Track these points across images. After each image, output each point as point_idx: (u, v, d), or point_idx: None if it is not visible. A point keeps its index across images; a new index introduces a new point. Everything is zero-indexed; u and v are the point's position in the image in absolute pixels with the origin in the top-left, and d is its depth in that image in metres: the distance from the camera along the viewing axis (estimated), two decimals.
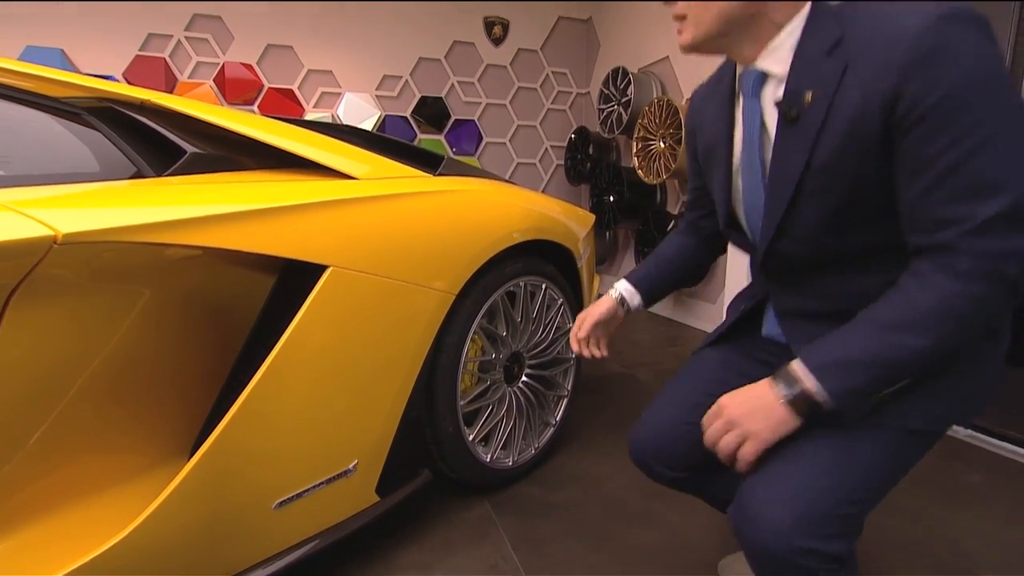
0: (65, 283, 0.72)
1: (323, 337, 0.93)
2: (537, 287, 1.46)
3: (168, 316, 0.87)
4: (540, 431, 1.56)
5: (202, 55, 3.60)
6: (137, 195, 0.81)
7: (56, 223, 0.67)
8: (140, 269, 0.80)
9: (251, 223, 0.84)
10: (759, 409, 0.62)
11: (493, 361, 1.36)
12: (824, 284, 0.70)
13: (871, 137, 0.57)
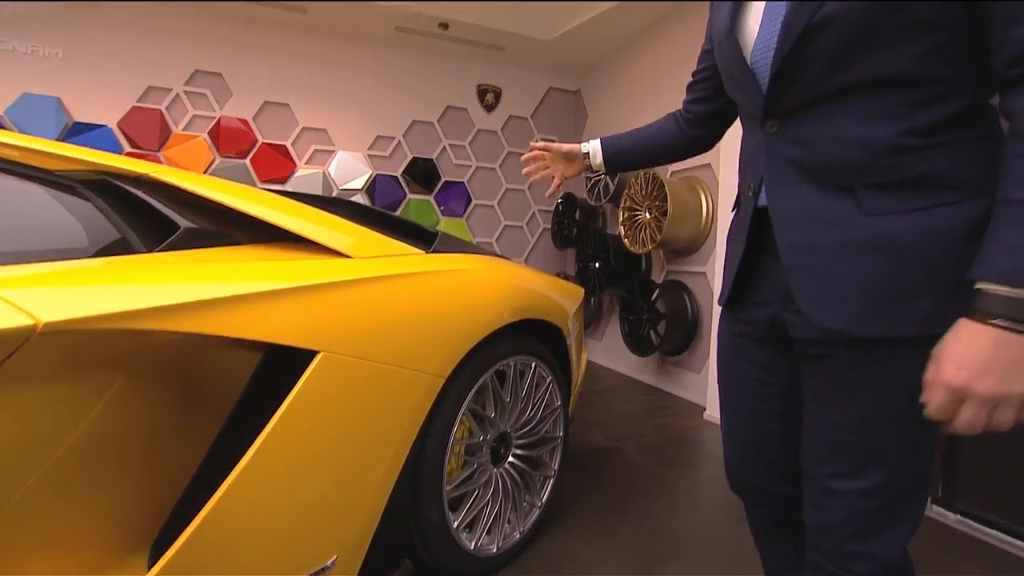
0: (39, 371, 0.68)
1: (308, 426, 0.89)
2: (527, 366, 1.44)
3: (140, 399, 0.82)
4: (525, 513, 1.49)
5: (199, 109, 3.66)
6: (125, 274, 0.78)
7: (37, 309, 0.64)
8: (118, 353, 0.76)
9: (242, 307, 0.81)
10: (1008, 362, 0.50)
11: (480, 443, 1.31)
12: (822, 130, 0.63)
13: None
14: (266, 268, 0.93)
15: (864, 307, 0.61)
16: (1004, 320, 0.50)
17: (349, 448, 0.96)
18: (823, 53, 0.60)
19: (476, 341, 1.20)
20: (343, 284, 0.96)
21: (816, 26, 0.59)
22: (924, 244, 0.59)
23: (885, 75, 0.58)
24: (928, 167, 0.59)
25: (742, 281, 0.77)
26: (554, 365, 1.55)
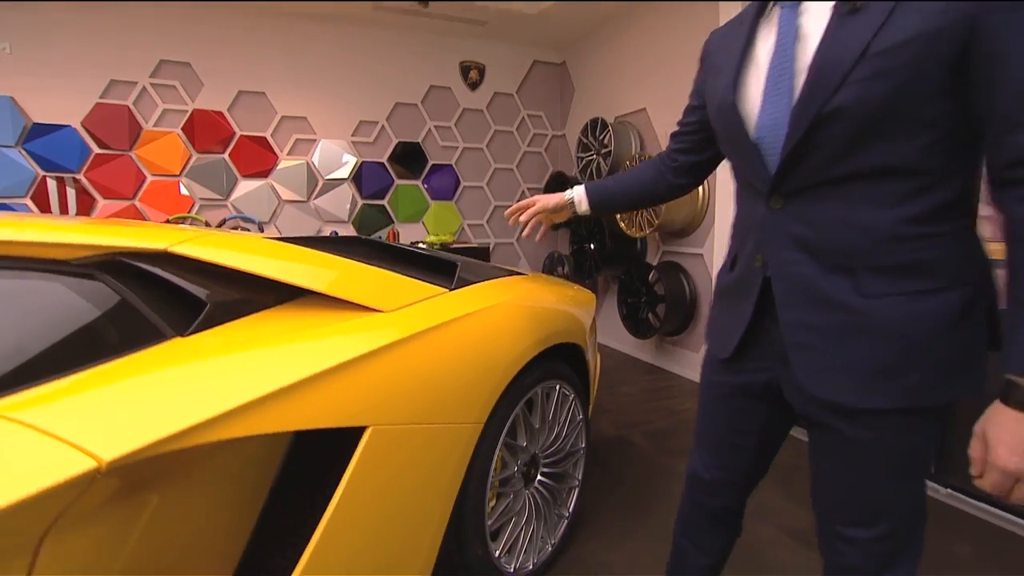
0: (102, 498, 0.66)
1: (363, 500, 0.89)
2: (551, 388, 1.45)
3: (185, 501, 0.81)
4: (555, 525, 1.54)
5: (169, 102, 3.47)
6: (169, 378, 0.76)
7: (97, 446, 0.61)
8: (169, 467, 0.75)
9: (292, 399, 0.80)
10: (1014, 436, 0.59)
11: (514, 473, 1.34)
12: (828, 212, 0.68)
13: (949, 22, 0.57)
14: (306, 346, 0.90)
15: (857, 382, 0.69)
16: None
17: (403, 508, 0.97)
18: (832, 140, 0.65)
19: (509, 380, 1.21)
20: (381, 351, 0.95)
21: (827, 115, 0.64)
22: (913, 326, 0.66)
23: (887, 165, 0.64)
24: (920, 255, 0.65)
25: (747, 340, 0.81)
26: (575, 381, 1.57)
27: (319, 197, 3.90)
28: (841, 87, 0.62)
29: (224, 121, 3.60)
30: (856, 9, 0.62)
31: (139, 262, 0.88)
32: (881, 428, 0.70)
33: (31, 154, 3.17)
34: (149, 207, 3.48)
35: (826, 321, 0.69)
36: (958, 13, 0.57)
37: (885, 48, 0.60)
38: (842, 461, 0.75)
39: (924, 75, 0.60)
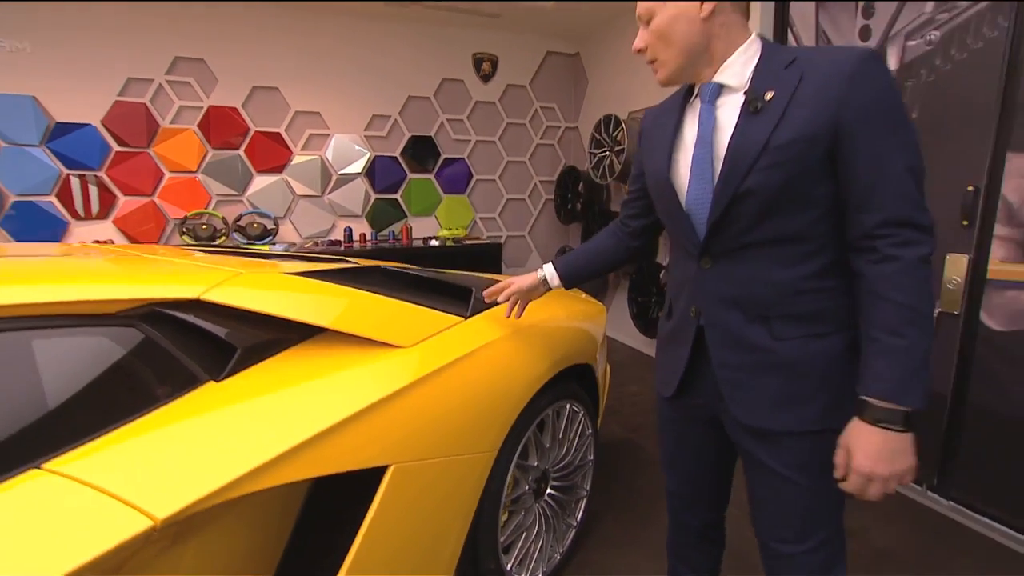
0: (156, 550, 0.73)
1: (386, 529, 0.96)
2: (562, 407, 1.50)
3: (215, 545, 0.88)
4: (563, 534, 1.61)
5: (185, 99, 3.50)
6: (210, 427, 0.82)
7: (150, 504, 0.68)
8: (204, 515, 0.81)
9: (321, 447, 0.86)
10: (891, 451, 0.73)
11: (526, 491, 1.40)
12: (746, 271, 0.84)
13: (822, 130, 0.74)
14: (331, 390, 0.96)
15: (774, 409, 0.85)
16: (885, 423, 0.73)
17: (422, 537, 1.04)
18: (744, 214, 0.81)
19: (522, 407, 1.26)
20: (402, 392, 1.00)
21: (741, 195, 0.80)
22: (815, 362, 0.82)
23: (786, 233, 0.81)
24: (816, 305, 0.82)
25: (687, 379, 0.97)
26: (584, 398, 1.62)
27: (333, 192, 3.94)
28: (750, 173, 0.78)
29: (239, 117, 3.63)
30: (757, 110, 0.78)
31: (174, 311, 0.93)
32: (794, 449, 0.85)
33: (55, 153, 3.23)
34: (167, 203, 3.55)
35: (749, 360, 0.86)
36: (827, 121, 0.74)
37: (779, 144, 0.76)
38: (768, 484, 0.89)
39: (808, 165, 0.76)
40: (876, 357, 0.74)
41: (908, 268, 0.73)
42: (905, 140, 0.74)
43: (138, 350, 0.89)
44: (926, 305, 0.73)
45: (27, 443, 0.71)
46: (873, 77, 0.73)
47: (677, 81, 0.89)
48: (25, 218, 3.22)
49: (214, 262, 1.23)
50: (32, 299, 0.78)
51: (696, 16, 0.82)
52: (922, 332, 0.72)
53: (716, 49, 0.83)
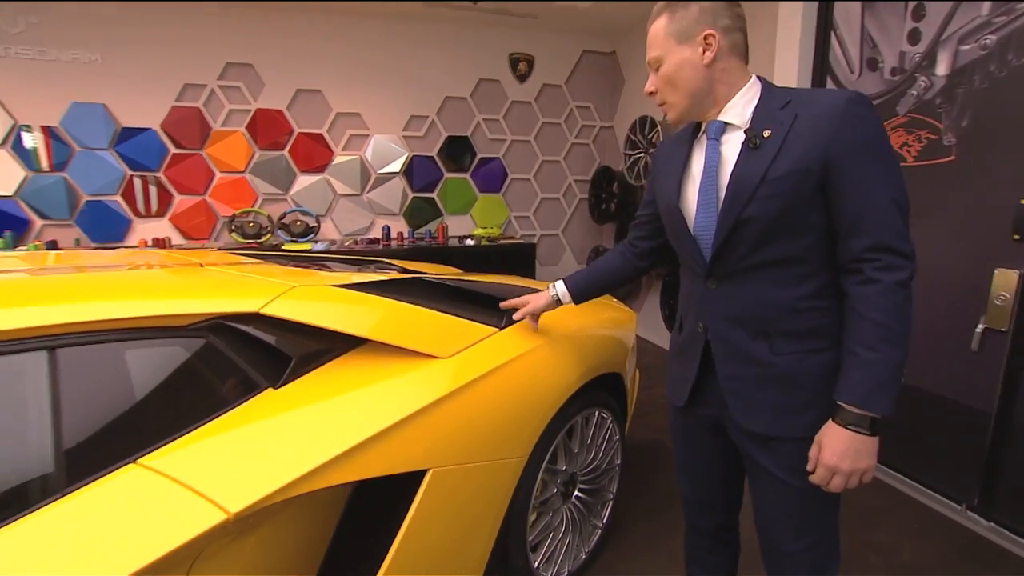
0: (226, 542, 0.83)
1: (423, 528, 1.04)
2: (591, 414, 1.56)
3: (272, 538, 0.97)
4: (590, 535, 1.67)
5: (234, 103, 3.67)
6: (271, 432, 0.91)
7: (225, 499, 0.78)
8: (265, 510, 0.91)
9: (368, 452, 0.94)
10: (855, 451, 0.83)
11: (554, 494, 1.47)
12: (748, 292, 0.92)
13: (814, 163, 0.83)
14: (377, 398, 1.04)
15: (773, 417, 0.93)
16: (854, 426, 0.83)
17: (457, 535, 1.12)
18: (746, 239, 0.90)
19: (552, 415, 1.32)
20: (441, 401, 1.08)
21: (742, 221, 0.89)
22: (812, 375, 0.90)
23: (784, 257, 0.89)
24: (813, 323, 0.90)
25: (696, 390, 1.05)
26: (613, 405, 1.67)
27: (372, 191, 4.07)
28: (750, 202, 0.87)
29: (284, 119, 3.79)
30: (756, 146, 0.87)
31: (237, 323, 1.03)
32: (790, 454, 0.92)
33: (121, 156, 3.47)
34: (218, 202, 3.75)
35: (751, 373, 0.94)
36: (818, 156, 0.83)
37: (776, 176, 0.85)
38: (767, 486, 0.97)
39: (802, 196, 0.85)
40: (852, 368, 0.83)
41: (887, 291, 0.81)
42: (889, 174, 0.82)
43: (207, 359, 0.99)
44: (901, 325, 0.81)
45: (128, 440, 0.82)
46: (860, 117, 0.82)
47: (685, 120, 0.98)
48: (95, 216, 3.47)
49: (266, 272, 1.34)
50: (124, 314, 0.89)
51: (699, 63, 0.91)
52: (894, 348, 0.81)
53: (719, 92, 0.92)
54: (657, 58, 0.95)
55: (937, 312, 2.03)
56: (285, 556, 0.98)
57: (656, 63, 0.96)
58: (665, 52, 0.93)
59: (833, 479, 0.85)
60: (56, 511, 0.72)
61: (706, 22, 0.90)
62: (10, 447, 0.75)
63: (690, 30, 0.91)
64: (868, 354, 0.82)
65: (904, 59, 2.17)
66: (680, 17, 0.91)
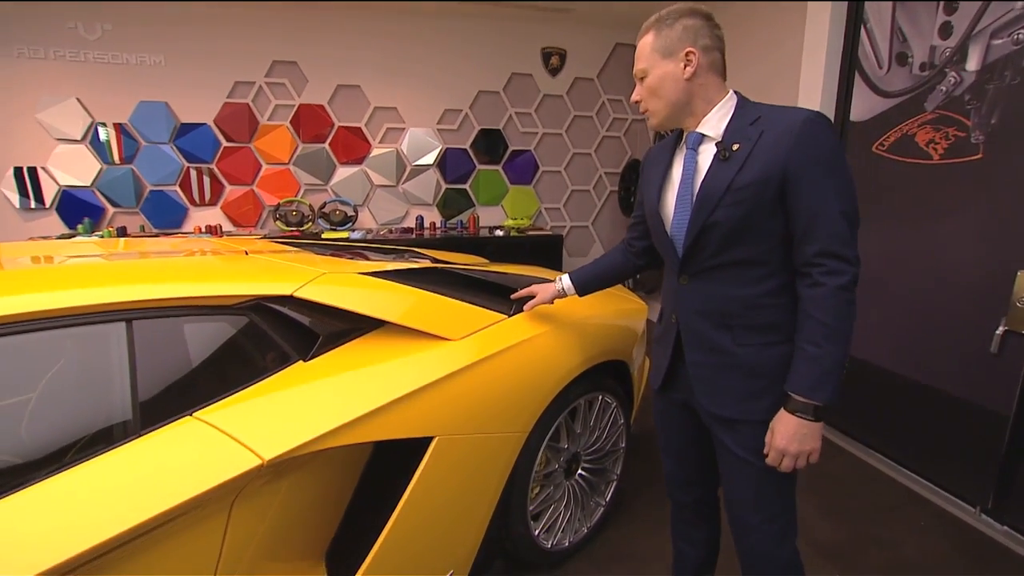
0: (259, 482, 0.99)
1: (429, 490, 1.18)
2: (594, 398, 1.67)
3: (301, 488, 1.13)
4: (592, 511, 1.79)
5: (280, 98, 3.91)
6: (301, 396, 1.07)
7: (260, 446, 0.94)
8: (294, 463, 1.07)
9: (383, 416, 1.09)
10: (802, 434, 0.94)
11: (556, 470, 1.59)
12: (714, 288, 1.03)
13: (773, 175, 0.92)
14: (392, 372, 1.19)
15: (733, 401, 1.04)
16: (800, 413, 0.94)
17: (459, 498, 1.26)
18: (712, 242, 1.00)
19: (553, 396, 1.44)
20: (448, 377, 1.22)
21: (709, 225, 0.99)
22: (769, 365, 1.00)
23: (745, 258, 0.99)
24: (771, 319, 1.00)
25: (670, 374, 1.18)
26: (618, 391, 1.77)
27: (407, 182, 4.25)
28: (716, 208, 0.97)
29: (325, 114, 4.00)
30: (726, 158, 0.97)
31: (274, 304, 1.20)
32: (749, 435, 1.02)
33: (179, 149, 3.77)
34: (264, 191, 4.01)
35: (715, 361, 1.05)
36: (777, 167, 0.92)
37: (740, 186, 0.95)
38: (731, 464, 1.07)
39: (763, 204, 0.94)
40: (799, 362, 0.94)
41: (830, 294, 0.91)
42: (840, 187, 0.91)
43: (248, 334, 1.16)
44: (842, 324, 0.91)
45: (187, 398, 1.00)
46: (815, 135, 0.91)
47: (664, 127, 1.08)
48: (157, 204, 3.80)
49: (303, 260, 1.51)
50: (182, 294, 1.06)
51: (680, 76, 1.01)
52: (835, 345, 0.91)
53: (697, 105, 1.02)
54: (643, 70, 1.05)
55: (957, 312, 2.02)
56: (312, 502, 1.15)
57: (642, 74, 1.05)
58: (650, 65, 1.03)
59: (784, 460, 0.97)
60: (133, 449, 0.89)
61: (688, 40, 1.00)
62: (101, 397, 0.94)
63: (673, 47, 1.00)
64: (813, 349, 0.92)
65: (934, 54, 2.14)
66: (665, 35, 1.01)
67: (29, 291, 0.94)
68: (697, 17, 1.01)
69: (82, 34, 3.51)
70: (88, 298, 0.96)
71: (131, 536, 0.81)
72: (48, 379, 0.91)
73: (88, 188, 3.69)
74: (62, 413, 0.91)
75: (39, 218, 3.67)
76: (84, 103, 3.58)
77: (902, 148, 2.26)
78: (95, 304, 0.96)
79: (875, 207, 2.35)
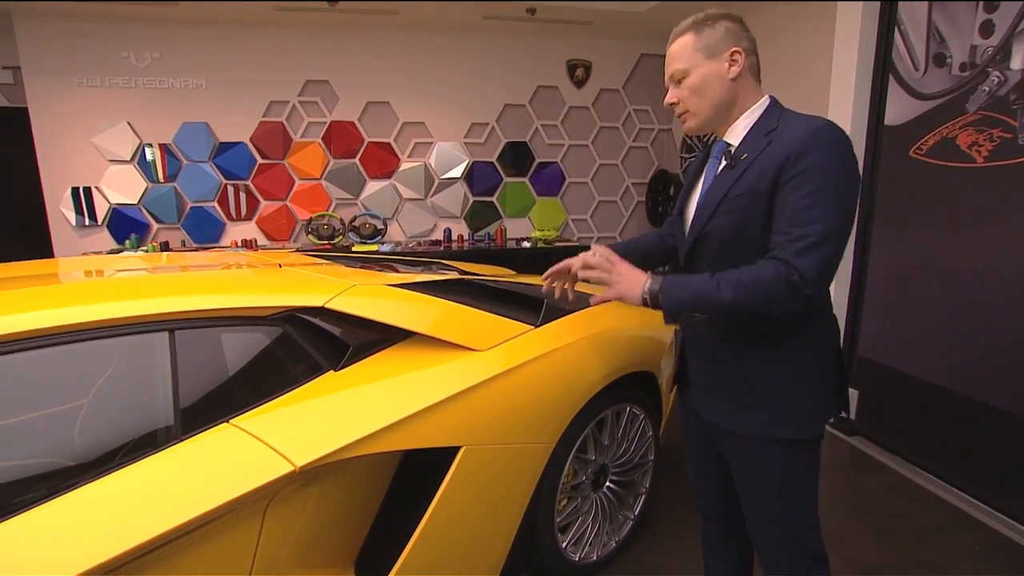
0: (293, 489, 1.02)
1: (457, 499, 1.19)
2: (622, 409, 1.65)
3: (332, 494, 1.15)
4: (620, 525, 1.76)
5: (312, 116, 4.04)
6: (331, 405, 1.10)
7: (293, 453, 0.96)
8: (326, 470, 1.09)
9: (412, 426, 1.11)
10: (629, 283, 0.98)
11: (584, 482, 1.58)
12: None
13: (765, 186, 0.91)
14: (421, 382, 1.21)
15: (728, 412, 1.03)
16: (649, 287, 0.96)
17: (486, 508, 1.26)
18: (707, 251, 1.02)
19: (580, 408, 1.43)
20: (475, 388, 1.23)
21: (704, 235, 1.01)
22: (764, 377, 0.99)
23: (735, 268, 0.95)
24: (764, 334, 0.98)
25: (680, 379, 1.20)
26: (646, 402, 1.74)
27: (435, 195, 4.32)
28: (712, 217, 0.98)
29: (355, 130, 4.12)
30: (731, 167, 0.98)
31: (306, 315, 1.23)
32: (746, 451, 1.02)
33: (218, 167, 3.95)
34: (297, 206, 4.14)
35: (711, 370, 1.06)
36: (768, 179, 0.91)
37: (735, 195, 0.95)
38: (737, 475, 1.06)
39: (753, 214, 0.94)
40: (695, 276, 0.94)
41: (768, 265, 0.88)
42: (828, 199, 0.86)
43: (282, 344, 1.20)
44: (750, 290, 0.87)
45: (224, 405, 1.04)
46: (809, 149, 0.88)
47: (702, 130, 1.05)
48: (197, 219, 3.98)
49: (333, 272, 1.55)
50: (220, 305, 1.11)
51: (726, 76, 0.99)
52: (725, 291, 0.88)
53: (735, 107, 1.01)
54: (683, 70, 1.01)
55: (1007, 322, 1.93)
56: (341, 509, 1.17)
57: (681, 75, 1.01)
58: (692, 65, 0.99)
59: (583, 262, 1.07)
60: (175, 454, 0.93)
61: (732, 40, 0.98)
62: (146, 402, 0.98)
63: (717, 46, 0.98)
64: (708, 279, 0.91)
65: (975, 53, 2.07)
66: (708, 35, 0.99)
67: (82, 303, 1.00)
68: (735, 21, 1.00)
69: (133, 62, 3.72)
70: (136, 309, 1.01)
71: (171, 537, 0.84)
72: (99, 386, 0.96)
73: (135, 206, 3.88)
74: (111, 418, 0.96)
75: (92, 234, 3.87)
76: (133, 126, 3.79)
77: (943, 151, 2.18)
78: (142, 315, 1.01)
79: (915, 212, 2.28)
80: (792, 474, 1.01)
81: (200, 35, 3.76)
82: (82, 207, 3.80)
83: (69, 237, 3.84)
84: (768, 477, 1.01)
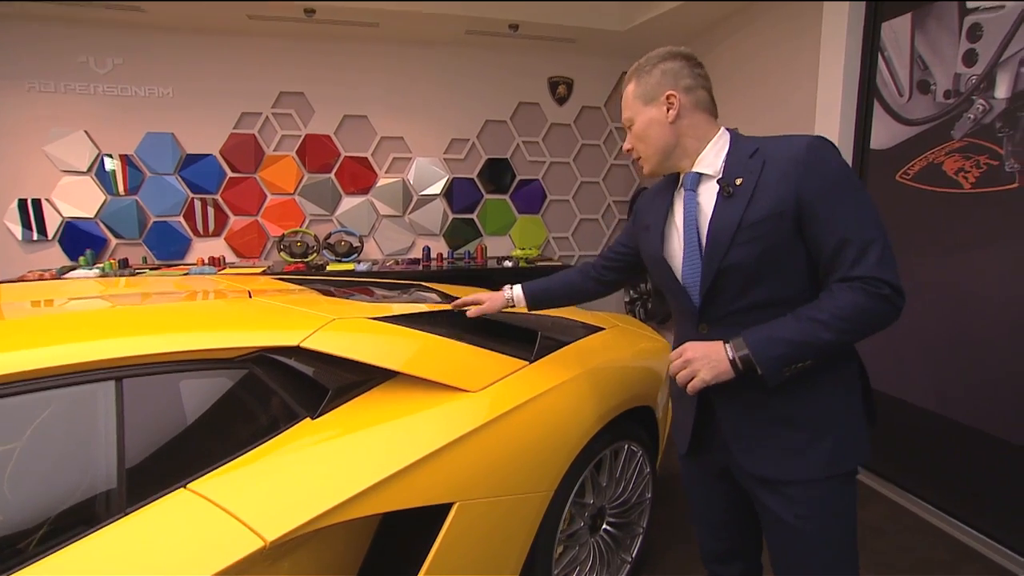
0: (264, 565, 0.88)
1: (449, 559, 1.06)
2: (620, 447, 1.55)
3: (304, 564, 1.02)
4: (618, 568, 1.65)
5: (286, 129, 3.88)
6: (308, 463, 0.97)
7: (262, 526, 0.83)
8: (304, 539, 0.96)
9: (398, 484, 0.98)
10: (711, 361, 0.90)
11: (581, 527, 1.47)
12: (740, 332, 0.92)
13: (788, 208, 0.87)
14: (407, 431, 1.09)
15: (773, 460, 0.94)
16: (732, 349, 0.89)
17: (480, 567, 1.14)
18: (731, 284, 0.94)
19: (580, 449, 1.33)
20: (471, 435, 1.11)
21: (726, 268, 0.92)
22: (811, 414, 0.92)
23: (771, 299, 0.92)
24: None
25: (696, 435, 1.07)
26: (643, 437, 1.65)
27: (414, 212, 4.19)
28: (730, 248, 0.91)
29: (331, 144, 3.97)
30: (730, 195, 0.92)
31: (279, 356, 1.10)
32: (800, 498, 0.92)
33: (184, 180, 3.73)
34: (268, 222, 3.95)
35: (749, 415, 0.96)
36: (791, 199, 0.86)
37: (752, 222, 0.89)
38: (779, 533, 0.97)
39: (781, 239, 0.88)
40: (781, 320, 0.88)
41: (859, 289, 0.83)
42: (862, 208, 0.85)
43: (251, 389, 1.06)
44: (851, 321, 0.82)
45: (178, 464, 0.90)
46: (822, 160, 0.86)
47: (659, 173, 1.05)
48: (160, 235, 3.75)
49: (308, 303, 1.41)
50: (179, 347, 0.97)
51: (664, 121, 0.98)
52: (824, 331, 0.83)
53: (688, 145, 0.99)
54: (629, 119, 1.03)
55: (1000, 350, 1.91)
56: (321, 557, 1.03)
57: (629, 123, 1.03)
58: (635, 113, 1.01)
59: (676, 363, 0.93)
60: (118, 530, 0.79)
61: (667, 84, 0.97)
62: (84, 466, 0.83)
63: (653, 92, 0.98)
64: (800, 322, 0.85)
65: (959, 81, 2.08)
66: (644, 81, 0.99)
67: (7, 348, 0.85)
68: (676, 59, 0.99)
69: (93, 68, 3.50)
70: (76, 355, 0.87)
71: None
72: (20, 450, 0.81)
73: (92, 219, 3.64)
74: (38, 490, 0.80)
75: (41, 250, 3.60)
76: (92, 135, 3.56)
77: (929, 177, 2.18)
78: (83, 362, 0.86)
79: (902, 237, 2.27)
80: (852, 508, 0.95)
81: (167, 41, 3.57)
82: (30, 220, 3.53)
83: (14, 252, 3.56)
84: (830, 521, 0.92)
